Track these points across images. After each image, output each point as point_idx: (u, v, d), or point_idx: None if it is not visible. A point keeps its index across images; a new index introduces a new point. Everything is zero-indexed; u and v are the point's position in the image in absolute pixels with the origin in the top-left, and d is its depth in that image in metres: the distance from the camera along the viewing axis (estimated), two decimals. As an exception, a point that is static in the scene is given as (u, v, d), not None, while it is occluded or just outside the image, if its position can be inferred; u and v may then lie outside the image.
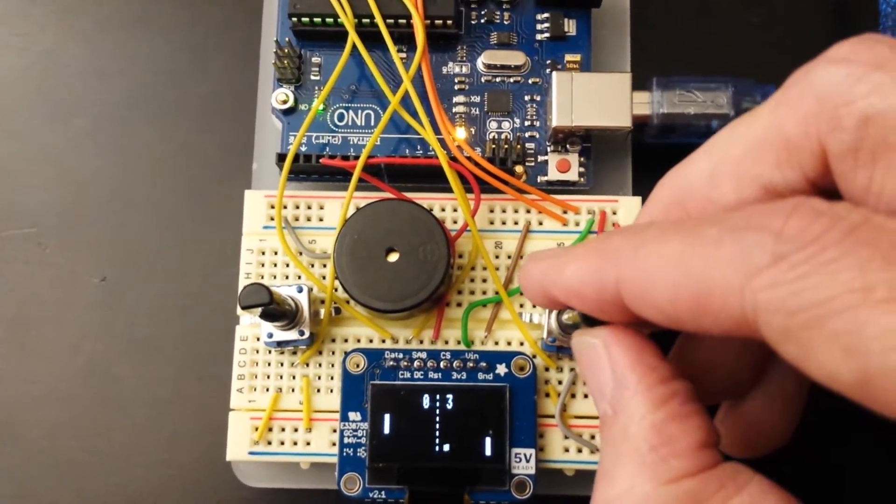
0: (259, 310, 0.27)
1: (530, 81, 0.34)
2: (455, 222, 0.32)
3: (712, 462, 0.19)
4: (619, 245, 0.20)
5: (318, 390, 0.31)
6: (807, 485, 0.32)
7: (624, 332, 0.21)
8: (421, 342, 0.31)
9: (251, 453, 0.30)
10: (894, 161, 0.17)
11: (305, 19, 0.33)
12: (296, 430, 0.31)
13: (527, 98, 0.34)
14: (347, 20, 0.33)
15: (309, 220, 0.32)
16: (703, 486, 0.18)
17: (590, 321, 0.22)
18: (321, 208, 0.32)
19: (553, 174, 0.33)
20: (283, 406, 0.31)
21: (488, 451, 0.29)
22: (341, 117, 0.34)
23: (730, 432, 0.26)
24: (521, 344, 0.31)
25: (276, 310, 0.28)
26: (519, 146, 0.33)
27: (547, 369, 0.31)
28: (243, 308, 0.27)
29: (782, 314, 0.16)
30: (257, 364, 0.31)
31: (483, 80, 0.34)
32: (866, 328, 0.14)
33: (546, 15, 0.34)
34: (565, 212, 0.32)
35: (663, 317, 0.18)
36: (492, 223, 0.32)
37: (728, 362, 0.24)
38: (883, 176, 0.18)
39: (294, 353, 0.31)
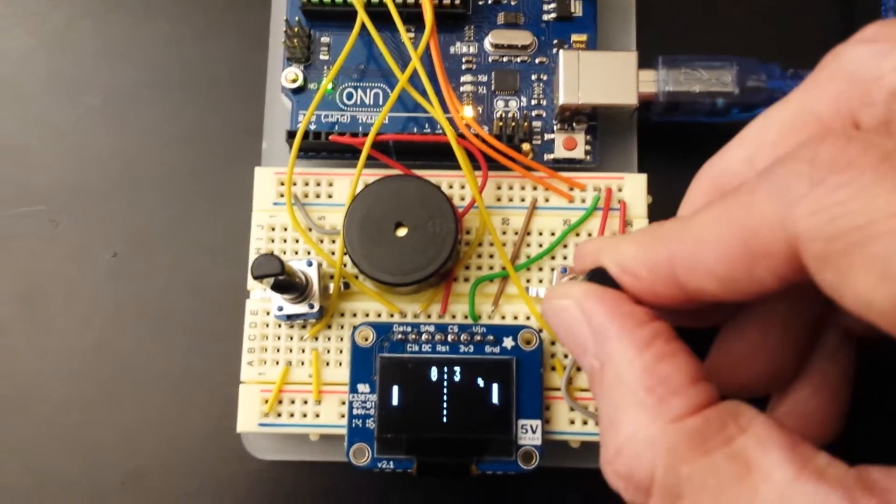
0: (270, 281, 0.28)
1: (537, 61, 0.34)
2: (463, 199, 0.32)
3: (709, 397, 0.19)
4: (667, 228, 0.20)
5: (328, 363, 0.31)
6: None
7: (592, 286, 0.21)
8: (429, 316, 0.32)
9: (261, 425, 0.31)
10: None
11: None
12: (305, 402, 0.31)
13: (533, 77, 0.34)
14: (357, 0, 0.33)
15: (318, 196, 0.33)
16: (706, 425, 0.18)
17: (604, 281, 0.22)
18: (330, 185, 0.33)
19: (559, 152, 0.34)
20: (292, 379, 0.31)
21: (495, 423, 0.29)
22: (350, 96, 0.34)
23: None
24: (528, 318, 0.32)
25: (287, 281, 0.28)
26: (526, 124, 0.34)
27: (553, 343, 0.31)
28: (255, 277, 0.27)
29: (821, 241, 0.16)
30: (267, 338, 0.31)
31: (490, 59, 0.34)
32: None
33: (553, -5, 0.35)
34: (571, 189, 0.32)
35: (719, 282, 0.19)
36: (499, 200, 0.33)
37: (769, 352, 0.24)
38: None
39: (304, 326, 0.31)
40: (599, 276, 0.22)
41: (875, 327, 0.16)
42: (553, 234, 0.32)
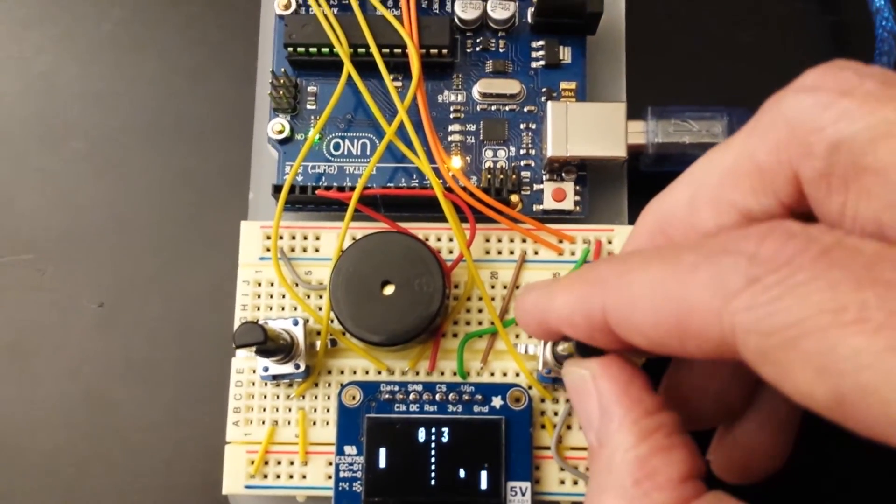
0: (254, 347, 0.27)
1: (526, 110, 0.34)
2: (451, 252, 0.32)
3: (695, 493, 0.19)
4: (605, 273, 0.20)
5: (315, 423, 0.31)
6: None
7: (613, 363, 0.21)
8: (417, 374, 0.31)
9: (247, 487, 0.30)
10: (865, 185, 0.18)
11: (301, 49, 0.33)
12: (292, 463, 0.31)
13: (522, 126, 0.34)
14: (343, 50, 0.33)
15: (305, 250, 0.32)
16: None
17: (584, 351, 0.22)
18: (317, 239, 0.32)
19: (549, 203, 0.33)
20: (279, 439, 0.31)
21: (484, 485, 0.29)
22: (337, 147, 0.34)
23: (724, 458, 0.26)
24: (517, 375, 0.31)
25: (270, 346, 0.28)
26: (514, 175, 0.33)
27: (543, 401, 0.31)
28: (237, 347, 0.27)
29: (758, 335, 0.16)
30: (253, 397, 0.31)
31: (478, 108, 0.34)
32: (838, 349, 0.15)
33: (541, 42, 0.34)
34: (561, 241, 0.32)
35: (649, 342, 0.19)
36: (487, 253, 0.32)
37: (719, 386, 0.24)
38: (856, 201, 0.18)
39: (290, 385, 0.31)
40: (583, 344, 0.22)
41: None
42: (542, 287, 0.32)
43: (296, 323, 0.30)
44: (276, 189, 0.32)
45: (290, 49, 0.33)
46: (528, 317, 0.23)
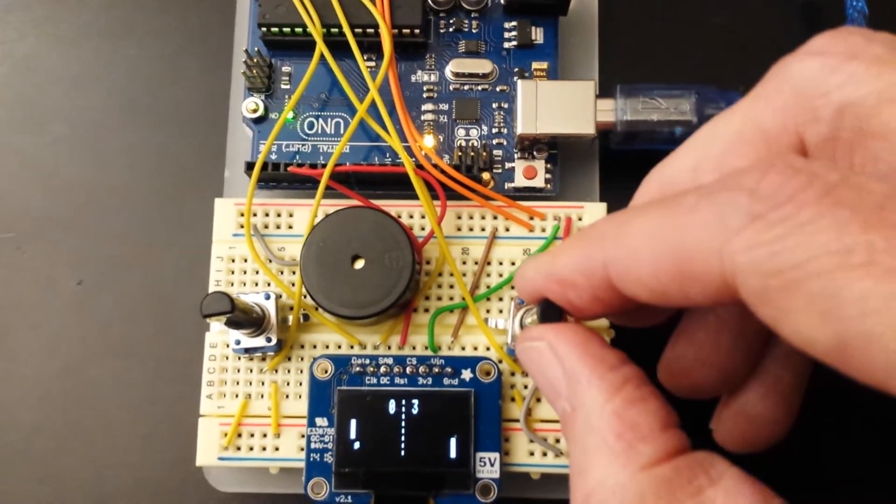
0: (224, 318, 0.28)
1: (498, 89, 0.34)
2: (423, 228, 0.32)
3: (679, 444, 0.19)
4: (604, 229, 0.20)
5: (287, 396, 0.31)
6: (795, 480, 0.33)
7: (566, 327, 0.21)
8: (389, 348, 0.32)
9: (221, 458, 0.31)
10: (871, 149, 0.18)
11: (275, 29, 0.34)
12: (265, 435, 0.31)
13: (494, 106, 0.34)
14: (316, 30, 0.33)
15: (278, 227, 0.33)
16: (675, 474, 0.18)
17: (547, 314, 0.22)
18: (290, 216, 0.33)
19: (520, 181, 0.34)
20: (252, 412, 0.31)
21: (453, 455, 0.29)
22: (311, 125, 0.34)
23: (726, 428, 0.26)
24: (487, 349, 0.32)
25: (239, 317, 0.28)
26: (486, 153, 0.34)
27: (512, 374, 0.31)
28: (205, 316, 0.27)
29: (759, 276, 0.15)
30: (227, 370, 0.31)
31: (451, 88, 0.35)
32: (843, 292, 0.14)
33: (514, 23, 0.35)
34: (531, 218, 0.32)
35: (650, 292, 0.19)
36: (459, 229, 0.33)
37: (722, 354, 0.24)
38: (861, 164, 0.18)
39: (263, 359, 0.31)
40: (548, 312, 0.22)
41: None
42: (513, 263, 0.32)
43: (267, 297, 0.30)
44: (249, 166, 0.32)
45: (264, 29, 0.34)
46: (529, 284, 0.22)
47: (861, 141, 0.18)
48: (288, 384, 0.31)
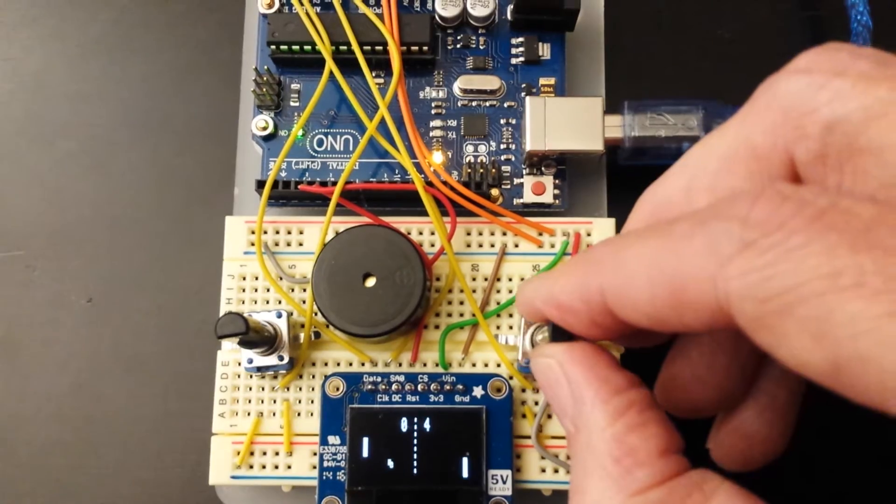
0: (237, 338, 0.28)
1: (506, 105, 0.35)
2: (433, 245, 0.33)
3: (677, 469, 0.19)
4: (601, 254, 0.20)
5: (299, 414, 0.31)
6: (790, 493, 0.33)
7: (577, 346, 0.21)
8: (399, 365, 0.32)
9: (233, 477, 0.31)
10: (860, 166, 0.18)
11: (284, 47, 0.34)
12: (277, 453, 0.31)
13: (502, 122, 0.34)
14: (324, 48, 0.33)
15: (289, 244, 0.33)
16: (669, 495, 0.18)
17: (557, 335, 0.22)
18: (301, 233, 0.33)
19: (529, 197, 0.34)
20: (264, 430, 0.31)
21: (465, 473, 0.29)
22: (320, 143, 0.35)
23: (723, 446, 0.26)
24: (498, 365, 0.32)
25: (253, 338, 0.28)
26: (494, 169, 0.34)
27: (523, 390, 0.31)
28: (219, 337, 0.27)
29: (753, 301, 0.16)
30: (238, 389, 0.32)
31: (459, 104, 0.35)
32: (834, 314, 0.14)
33: (521, 39, 0.35)
34: (540, 234, 0.32)
35: (647, 318, 0.19)
36: (468, 246, 0.33)
37: (717, 373, 0.24)
38: (851, 181, 0.18)
39: (275, 377, 0.32)
40: (559, 329, 0.22)
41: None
42: (523, 279, 0.32)
43: (279, 315, 0.31)
44: (260, 184, 0.32)
45: (274, 47, 0.34)
46: (527, 307, 0.22)
47: (850, 157, 0.18)
48: (300, 402, 0.31)
